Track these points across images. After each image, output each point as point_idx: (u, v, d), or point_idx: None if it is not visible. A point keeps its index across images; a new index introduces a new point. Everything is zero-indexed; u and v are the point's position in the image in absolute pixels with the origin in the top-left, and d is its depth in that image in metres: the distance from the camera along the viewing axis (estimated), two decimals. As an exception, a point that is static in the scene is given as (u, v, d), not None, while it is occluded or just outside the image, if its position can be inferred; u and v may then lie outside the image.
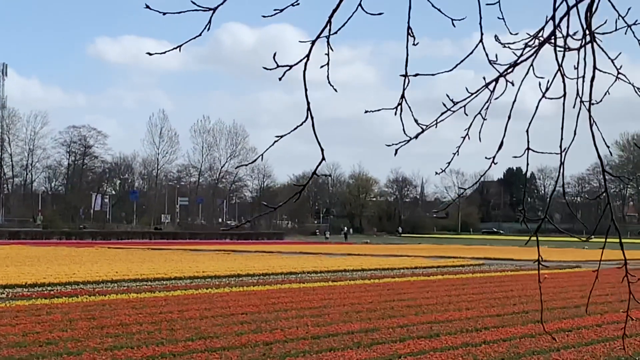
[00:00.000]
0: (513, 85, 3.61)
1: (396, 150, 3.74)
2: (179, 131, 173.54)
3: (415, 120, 3.63)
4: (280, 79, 3.51)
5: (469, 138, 3.73)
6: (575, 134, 3.63)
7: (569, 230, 4.51)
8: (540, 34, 3.61)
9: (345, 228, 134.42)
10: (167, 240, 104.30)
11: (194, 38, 3.47)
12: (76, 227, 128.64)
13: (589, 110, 3.56)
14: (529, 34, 3.65)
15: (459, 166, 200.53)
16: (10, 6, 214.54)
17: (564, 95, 3.60)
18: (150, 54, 3.75)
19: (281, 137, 3.52)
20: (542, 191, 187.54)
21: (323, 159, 3.46)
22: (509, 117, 3.77)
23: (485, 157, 3.79)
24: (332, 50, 3.45)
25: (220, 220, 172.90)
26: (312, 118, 3.46)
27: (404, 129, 3.62)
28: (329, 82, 3.56)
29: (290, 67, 3.46)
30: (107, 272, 40.48)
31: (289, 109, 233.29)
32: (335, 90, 2.98)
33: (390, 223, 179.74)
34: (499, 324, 23.48)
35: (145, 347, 18.32)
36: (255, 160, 3.99)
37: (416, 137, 3.63)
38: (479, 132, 3.75)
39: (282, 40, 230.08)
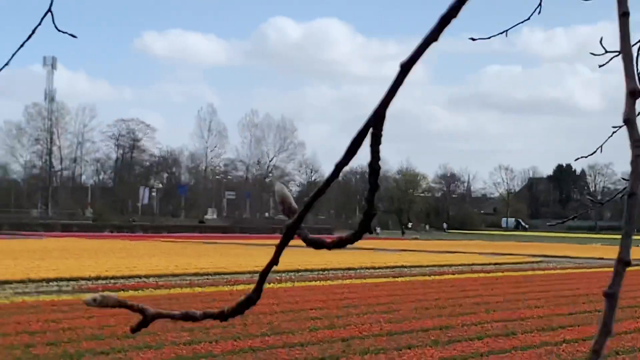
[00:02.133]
0: None
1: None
2: (226, 125, 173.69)
3: None
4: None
5: None
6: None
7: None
8: None
9: (378, 228, 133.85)
10: (217, 234, 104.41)
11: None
12: (124, 220, 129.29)
13: None
14: None
15: (508, 162, 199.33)
16: (58, 1, 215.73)
17: None
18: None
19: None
20: (593, 188, 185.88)
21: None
22: None
23: None
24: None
25: (266, 214, 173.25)
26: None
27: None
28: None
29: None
30: (166, 265, 40.52)
31: (334, 103, 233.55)
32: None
33: (438, 219, 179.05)
34: (574, 322, 23.11)
35: (223, 341, 18.17)
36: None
37: None
38: None
39: (328, 34, 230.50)
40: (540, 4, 3.08)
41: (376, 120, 1.09)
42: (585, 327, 21.85)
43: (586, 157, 3.56)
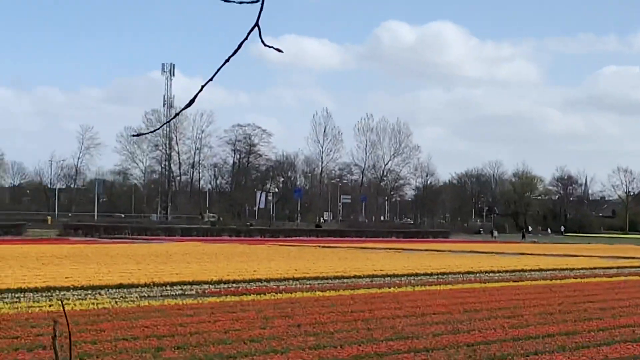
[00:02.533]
0: None
1: None
2: (341, 129, 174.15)
3: None
4: None
5: None
6: None
7: None
8: None
9: (496, 232, 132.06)
10: (333, 237, 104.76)
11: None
12: (242, 224, 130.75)
13: None
14: None
15: (627, 164, 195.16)
16: (175, 7, 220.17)
17: None
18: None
19: None
20: None
21: None
22: None
23: None
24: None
25: (382, 217, 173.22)
26: None
27: None
28: None
29: None
30: (286, 269, 40.78)
31: (448, 106, 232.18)
32: None
33: (555, 222, 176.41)
34: None
35: (349, 346, 18.20)
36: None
37: None
38: None
39: (442, 38, 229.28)
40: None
41: None
42: None
43: None
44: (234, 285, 32.96)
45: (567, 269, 47.10)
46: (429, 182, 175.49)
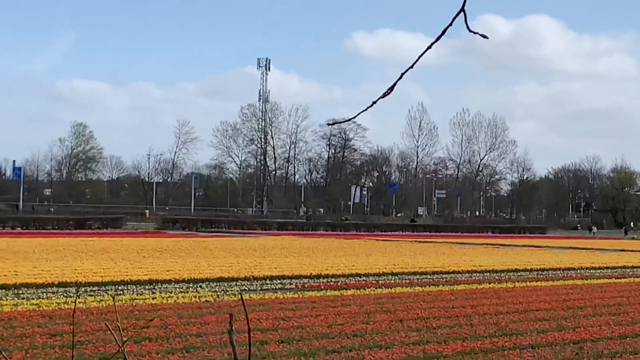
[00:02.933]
0: None
1: None
2: (436, 124, 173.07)
3: None
4: None
5: None
6: None
7: None
8: None
9: (594, 227, 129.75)
10: (428, 232, 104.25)
11: None
12: (337, 218, 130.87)
13: None
14: None
15: None
16: (272, 3, 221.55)
17: None
18: None
19: None
20: None
21: None
22: None
23: None
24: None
25: (477, 213, 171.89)
26: None
27: None
28: None
29: None
30: (385, 264, 40.73)
31: (544, 101, 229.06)
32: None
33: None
34: None
35: (452, 342, 18.06)
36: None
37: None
38: None
39: (538, 31, 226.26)
40: None
41: None
42: None
43: None
44: (333, 279, 33.00)
45: (670, 265, 46.13)
46: (525, 177, 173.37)
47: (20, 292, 26.02)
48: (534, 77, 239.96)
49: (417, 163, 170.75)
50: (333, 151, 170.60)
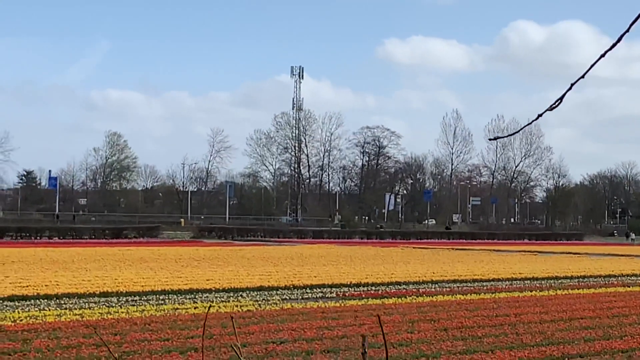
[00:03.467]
0: None
1: None
2: (471, 130, 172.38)
3: None
4: None
5: None
6: None
7: None
8: None
9: (633, 234, 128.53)
10: (464, 240, 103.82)
11: None
12: (371, 226, 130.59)
13: None
14: None
15: None
16: (304, 12, 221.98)
17: None
18: None
19: None
20: None
21: None
22: None
23: None
24: None
25: (512, 220, 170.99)
26: None
27: None
28: None
29: None
30: (424, 272, 40.55)
31: (577, 107, 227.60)
32: None
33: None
34: None
35: (499, 351, 17.89)
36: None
37: None
38: None
39: (572, 37, 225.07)
40: None
41: None
42: None
43: None
44: (374, 288, 32.86)
45: None
46: (560, 183, 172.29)
47: (62, 302, 26.08)
48: (568, 83, 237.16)
49: (451, 170, 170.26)
50: (367, 159, 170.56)
